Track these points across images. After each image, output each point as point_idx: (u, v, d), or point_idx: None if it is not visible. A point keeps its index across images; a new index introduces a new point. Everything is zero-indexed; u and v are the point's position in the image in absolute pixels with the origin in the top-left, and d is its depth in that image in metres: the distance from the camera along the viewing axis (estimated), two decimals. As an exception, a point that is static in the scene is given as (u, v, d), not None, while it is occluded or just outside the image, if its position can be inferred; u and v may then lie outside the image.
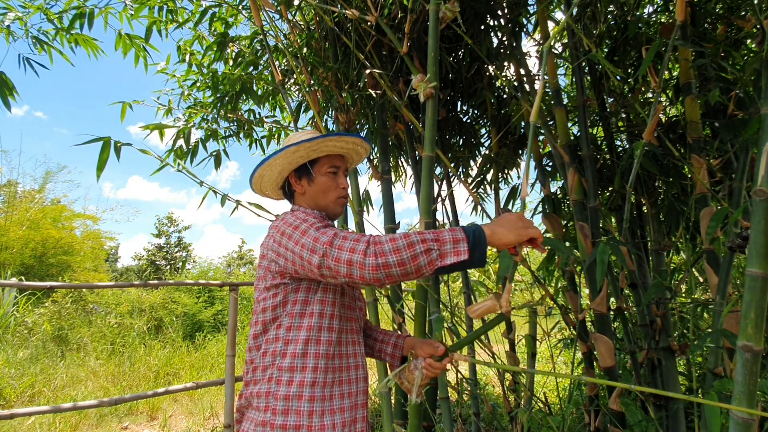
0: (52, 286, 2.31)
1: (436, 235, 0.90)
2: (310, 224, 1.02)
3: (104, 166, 1.76)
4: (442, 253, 0.88)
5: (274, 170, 1.20)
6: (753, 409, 0.91)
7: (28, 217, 9.62)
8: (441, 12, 1.52)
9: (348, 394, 1.10)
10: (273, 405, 1.03)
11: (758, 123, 1.20)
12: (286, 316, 1.08)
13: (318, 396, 1.03)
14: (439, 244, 0.88)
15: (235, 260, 18.93)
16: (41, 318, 6.72)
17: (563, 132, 2.06)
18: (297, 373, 1.04)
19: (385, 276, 0.89)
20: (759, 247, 0.92)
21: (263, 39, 2.42)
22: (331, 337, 1.09)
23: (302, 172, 1.20)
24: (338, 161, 1.23)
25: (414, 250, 0.88)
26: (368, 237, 0.93)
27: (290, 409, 1.02)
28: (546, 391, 4.06)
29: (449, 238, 0.89)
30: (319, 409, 1.03)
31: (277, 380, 1.04)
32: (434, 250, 0.88)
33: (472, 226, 0.92)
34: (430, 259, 0.88)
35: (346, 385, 1.10)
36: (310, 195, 1.21)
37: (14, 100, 2.32)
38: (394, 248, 0.88)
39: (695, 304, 2.11)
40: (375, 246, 0.90)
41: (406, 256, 0.88)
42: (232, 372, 2.71)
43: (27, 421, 3.71)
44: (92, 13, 2.67)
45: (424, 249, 0.88)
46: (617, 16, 2.32)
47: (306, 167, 1.20)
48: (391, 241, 0.90)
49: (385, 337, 1.34)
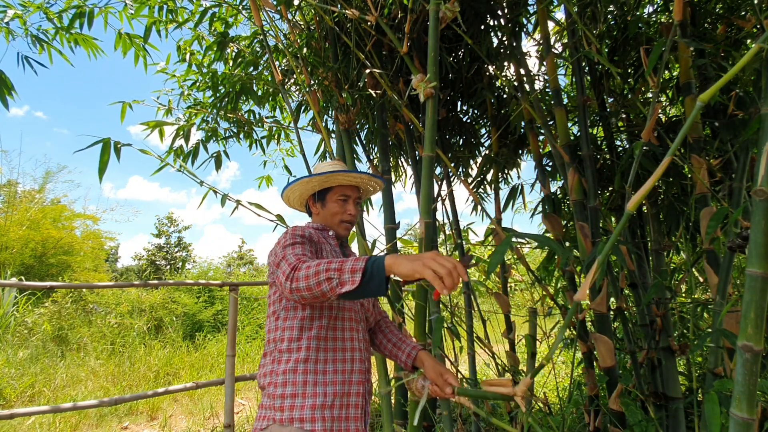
0: (52, 286, 2.31)
1: (341, 264, 1.02)
2: (291, 243, 1.21)
3: (105, 169, 1.76)
4: (341, 281, 1.01)
5: (295, 193, 1.47)
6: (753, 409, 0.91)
7: (28, 217, 9.62)
8: (441, 12, 1.52)
9: (342, 371, 1.23)
10: (274, 380, 1.20)
11: (758, 123, 1.20)
12: (283, 309, 1.26)
13: (311, 369, 1.19)
14: (339, 273, 1.01)
15: (235, 260, 18.93)
16: (41, 318, 6.72)
17: (563, 132, 2.06)
18: (293, 353, 1.21)
19: (300, 297, 1.06)
20: (759, 247, 0.91)
21: (263, 39, 2.42)
22: (322, 323, 1.24)
23: (318, 198, 1.46)
24: (349, 191, 1.45)
25: (319, 278, 1.02)
26: (295, 264, 1.09)
27: (287, 381, 1.18)
28: (546, 391, 4.06)
29: (349, 268, 1.01)
30: (312, 380, 1.18)
31: (278, 360, 1.22)
32: (334, 279, 1.01)
33: (380, 256, 1.03)
34: (331, 286, 1.01)
35: (341, 363, 1.24)
36: (322, 216, 1.46)
37: (12, 99, 2.32)
38: (305, 275, 1.04)
39: (695, 304, 2.11)
40: (294, 272, 1.07)
41: (313, 282, 1.03)
42: (232, 372, 2.71)
43: (27, 421, 3.71)
44: (92, 13, 2.67)
45: (326, 278, 1.02)
46: (617, 16, 2.32)
47: (321, 194, 1.45)
48: (306, 269, 1.05)
49: (402, 344, 1.46)
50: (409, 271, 0.98)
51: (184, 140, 3.13)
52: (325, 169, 1.44)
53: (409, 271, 0.98)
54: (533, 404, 2.65)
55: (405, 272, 0.99)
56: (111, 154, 1.76)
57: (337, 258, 1.13)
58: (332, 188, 1.44)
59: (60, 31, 2.72)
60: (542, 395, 3.08)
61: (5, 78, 2.27)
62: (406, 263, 0.98)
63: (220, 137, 3.30)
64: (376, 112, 2.59)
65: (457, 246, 2.83)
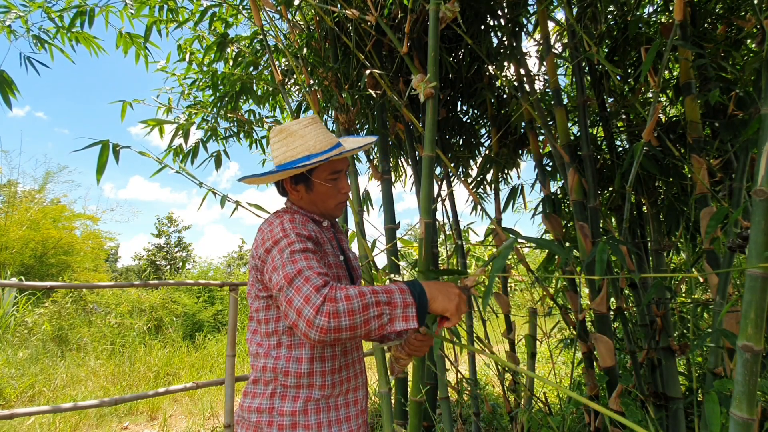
0: (52, 286, 2.31)
1: (389, 296, 0.85)
2: (288, 243, 0.96)
3: (104, 170, 1.75)
4: (392, 317, 0.85)
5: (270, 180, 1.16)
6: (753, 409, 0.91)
7: (28, 217, 9.62)
8: (441, 12, 1.52)
9: (354, 402, 1.10)
10: (278, 421, 1.00)
11: (758, 123, 1.20)
12: (284, 334, 1.04)
13: (323, 408, 1.03)
14: (390, 308, 0.84)
15: (235, 260, 18.92)
16: (41, 318, 6.72)
17: (563, 132, 2.06)
18: (303, 390, 1.02)
19: (333, 339, 0.82)
20: (759, 247, 0.91)
21: (263, 39, 2.42)
22: (335, 351, 1.06)
23: (299, 179, 1.12)
24: (341, 164, 1.14)
25: (368, 313, 0.83)
26: (326, 290, 0.84)
27: (297, 423, 1.00)
28: (546, 391, 4.06)
29: (400, 302, 0.85)
30: (326, 420, 1.02)
31: (282, 396, 1.02)
32: (386, 314, 0.84)
33: (417, 286, 0.89)
34: (381, 323, 0.84)
35: (352, 393, 1.10)
36: (308, 200, 1.15)
37: (15, 98, 2.32)
38: (348, 310, 0.81)
39: (695, 304, 2.11)
40: (330, 304, 0.81)
41: (359, 320, 0.82)
42: (232, 372, 2.71)
43: (27, 421, 3.71)
44: (93, 12, 2.67)
45: (378, 313, 0.84)
46: (617, 16, 2.32)
47: (303, 175, 1.11)
48: (346, 299, 0.82)
49: None
50: (441, 310, 0.89)
51: (183, 139, 3.13)
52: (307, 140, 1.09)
53: (441, 309, 0.89)
54: (533, 404, 2.65)
55: (438, 310, 0.89)
56: (110, 156, 1.76)
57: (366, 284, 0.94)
58: (319, 166, 1.10)
59: (61, 30, 2.72)
60: (542, 395, 3.08)
61: (7, 77, 2.27)
62: (441, 301, 0.88)
63: (220, 137, 3.30)
64: (376, 112, 2.59)
65: (457, 247, 2.83)
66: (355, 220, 2.25)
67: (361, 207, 2.47)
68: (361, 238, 2.22)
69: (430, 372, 2.49)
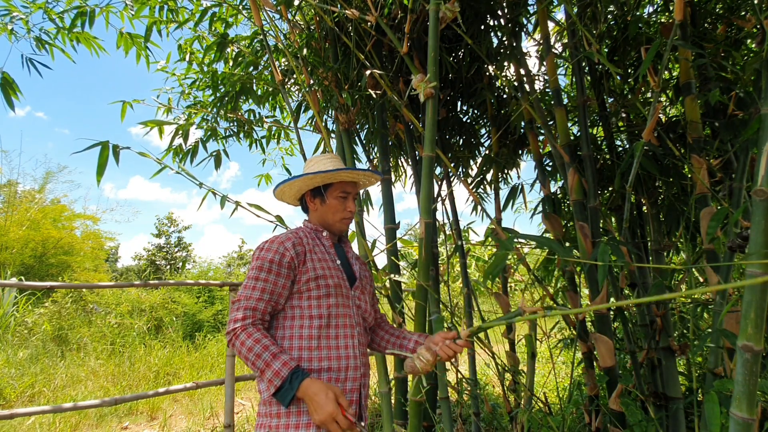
0: (52, 286, 2.31)
1: (265, 368, 1.13)
2: (255, 277, 1.23)
3: (104, 171, 1.75)
4: (261, 378, 1.18)
5: (293, 189, 1.43)
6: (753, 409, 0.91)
7: (28, 217, 9.62)
8: (441, 12, 1.52)
9: (336, 379, 1.24)
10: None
11: (758, 123, 1.20)
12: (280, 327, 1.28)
13: (305, 357, 1.23)
14: (261, 373, 1.15)
15: (235, 260, 18.92)
16: (41, 318, 6.72)
17: (563, 132, 2.06)
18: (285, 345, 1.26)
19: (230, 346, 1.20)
20: (759, 247, 0.92)
21: (263, 39, 2.42)
22: (312, 332, 1.26)
23: (317, 194, 1.42)
24: (350, 187, 1.42)
25: (246, 361, 1.16)
26: (238, 325, 1.18)
27: None
28: (546, 391, 4.06)
29: (268, 377, 1.13)
30: (306, 366, 1.22)
31: None
32: (258, 369, 1.15)
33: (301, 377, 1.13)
34: (258, 371, 1.16)
35: (335, 360, 1.25)
36: (320, 213, 1.43)
37: (18, 99, 2.33)
38: (238, 349, 1.17)
39: (695, 304, 2.11)
40: (232, 336, 1.18)
41: (243, 357, 1.16)
42: (232, 372, 2.71)
43: (27, 421, 3.71)
44: (93, 12, 2.67)
45: (251, 367, 1.17)
46: (617, 16, 2.32)
47: (320, 190, 1.41)
48: (240, 344, 1.16)
49: (408, 334, 1.46)
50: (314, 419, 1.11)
51: (183, 140, 3.13)
52: (326, 164, 1.42)
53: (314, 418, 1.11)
54: (533, 404, 2.65)
55: (312, 415, 1.11)
56: (110, 156, 1.76)
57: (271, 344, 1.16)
58: (332, 184, 1.41)
59: (62, 30, 2.73)
60: (542, 395, 3.08)
61: (10, 80, 2.27)
62: (315, 409, 1.10)
63: (220, 136, 3.30)
64: (376, 112, 2.59)
65: (457, 247, 2.83)
66: (355, 220, 2.25)
67: (361, 207, 2.48)
68: (361, 238, 2.22)
69: (430, 372, 2.49)
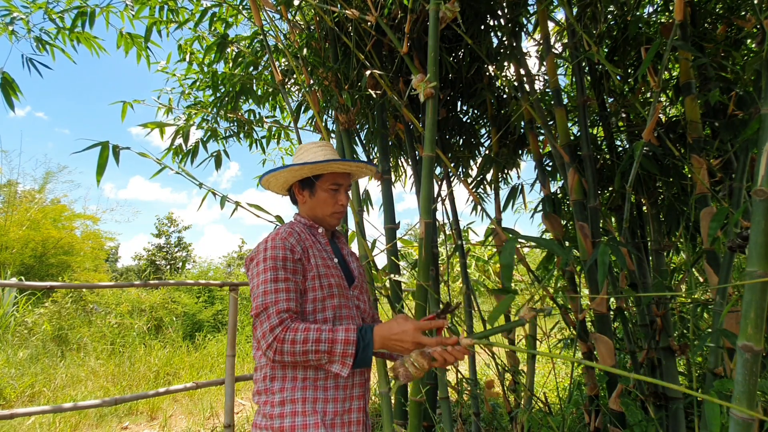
0: (52, 286, 2.31)
1: (331, 346, 1.04)
2: (272, 278, 1.11)
3: (104, 171, 1.75)
4: (331, 361, 1.05)
5: (280, 179, 1.33)
6: (753, 409, 0.91)
7: (28, 217, 9.61)
8: (441, 12, 1.52)
9: (343, 387, 1.17)
10: (270, 399, 1.14)
11: (758, 123, 1.20)
12: None
13: (310, 386, 1.14)
14: (329, 356, 1.04)
15: (235, 260, 18.91)
16: (41, 318, 6.72)
17: (563, 132, 2.06)
18: (289, 369, 1.15)
19: (279, 360, 1.06)
20: (759, 247, 0.92)
21: (263, 39, 2.42)
22: None
23: (306, 184, 1.31)
24: (341, 179, 1.31)
25: (306, 356, 1.04)
26: (279, 330, 1.05)
27: (285, 400, 1.13)
28: (546, 391, 4.06)
29: (339, 353, 1.04)
30: (312, 397, 1.13)
31: (271, 377, 1.16)
32: (324, 360, 1.05)
33: (367, 336, 1.06)
34: (319, 363, 1.06)
35: (342, 378, 1.17)
36: (310, 206, 1.32)
37: (18, 100, 2.33)
38: (290, 351, 1.04)
39: (695, 304, 2.11)
40: (277, 344, 1.04)
41: (299, 358, 1.05)
42: (232, 372, 2.71)
43: (27, 421, 3.71)
44: (93, 12, 2.67)
45: (315, 358, 1.05)
46: (617, 16, 2.32)
47: (310, 180, 1.30)
48: (291, 343, 1.03)
49: None
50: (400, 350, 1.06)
51: (183, 140, 3.13)
52: (317, 153, 1.31)
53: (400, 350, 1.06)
54: (533, 404, 2.65)
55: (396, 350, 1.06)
56: (110, 157, 1.76)
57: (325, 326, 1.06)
58: (323, 175, 1.30)
59: (62, 30, 2.73)
60: (542, 395, 3.08)
61: (10, 80, 2.27)
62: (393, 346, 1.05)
63: (220, 136, 3.30)
64: (376, 112, 2.59)
65: (457, 247, 2.83)
66: (355, 220, 2.25)
67: (361, 207, 2.47)
68: (361, 238, 2.22)
69: (430, 372, 2.49)
